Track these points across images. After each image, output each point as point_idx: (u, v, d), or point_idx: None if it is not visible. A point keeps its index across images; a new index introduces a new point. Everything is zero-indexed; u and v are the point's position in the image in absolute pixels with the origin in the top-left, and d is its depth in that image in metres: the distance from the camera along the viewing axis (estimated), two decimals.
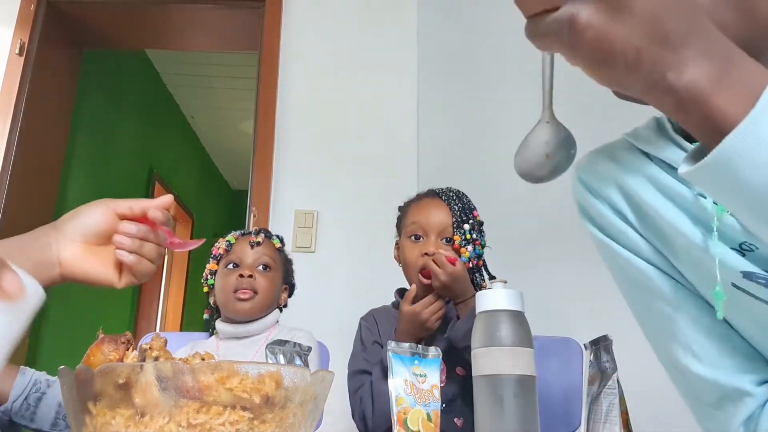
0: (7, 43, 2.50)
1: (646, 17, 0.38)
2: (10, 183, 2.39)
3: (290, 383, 0.48)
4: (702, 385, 0.61)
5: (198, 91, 4.74)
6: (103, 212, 0.63)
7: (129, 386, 0.45)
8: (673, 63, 0.38)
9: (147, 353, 0.54)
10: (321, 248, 2.23)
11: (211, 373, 0.46)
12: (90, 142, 3.54)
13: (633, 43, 0.38)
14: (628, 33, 0.38)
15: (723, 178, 0.39)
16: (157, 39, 3.16)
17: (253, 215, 2.25)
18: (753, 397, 0.58)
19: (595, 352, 0.80)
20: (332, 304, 2.10)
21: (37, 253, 0.62)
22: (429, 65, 2.41)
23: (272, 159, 2.31)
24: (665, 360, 0.65)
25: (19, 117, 2.44)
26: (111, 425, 0.46)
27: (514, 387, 0.66)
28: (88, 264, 0.63)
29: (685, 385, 0.64)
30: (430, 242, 1.31)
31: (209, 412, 0.45)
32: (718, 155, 0.37)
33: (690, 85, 0.38)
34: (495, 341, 0.68)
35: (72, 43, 2.87)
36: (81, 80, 3.06)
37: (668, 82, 0.39)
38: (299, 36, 2.48)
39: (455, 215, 1.32)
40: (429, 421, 0.74)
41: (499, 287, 0.71)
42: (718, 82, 0.38)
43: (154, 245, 0.65)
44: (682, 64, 0.38)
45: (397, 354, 0.78)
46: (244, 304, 1.42)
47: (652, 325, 0.66)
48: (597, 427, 0.74)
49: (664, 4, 0.39)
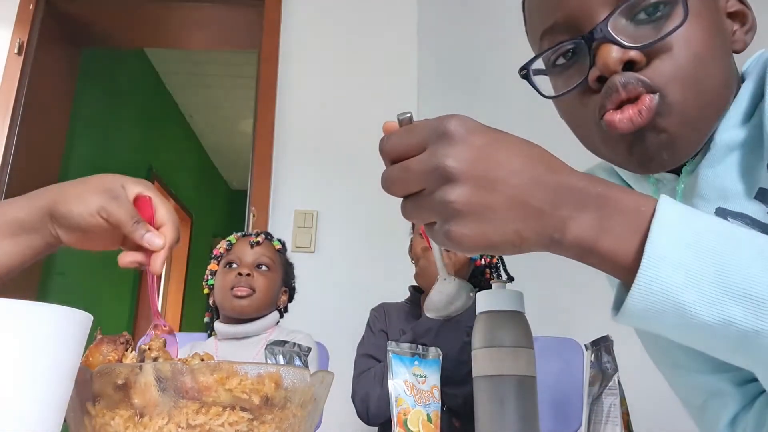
0: (6, 43, 2.49)
1: (510, 205, 0.41)
2: (9, 182, 2.39)
3: (290, 384, 0.48)
4: (690, 387, 0.63)
5: (197, 90, 4.73)
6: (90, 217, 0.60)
7: (128, 387, 0.45)
8: (554, 227, 0.41)
9: (146, 354, 0.53)
10: (321, 248, 2.23)
11: (211, 373, 0.45)
12: (89, 141, 3.53)
13: (510, 228, 0.41)
14: (501, 224, 0.41)
15: (643, 324, 0.41)
16: (156, 37, 3.15)
17: (252, 215, 2.25)
18: (734, 398, 0.59)
19: (596, 352, 0.80)
20: (332, 304, 2.10)
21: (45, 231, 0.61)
22: (429, 65, 2.41)
23: (272, 158, 2.31)
24: (660, 365, 0.67)
25: (18, 116, 2.44)
26: (110, 426, 0.45)
27: (514, 387, 0.65)
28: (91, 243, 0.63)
29: (678, 388, 0.66)
30: None
31: (208, 412, 0.45)
32: (627, 311, 0.40)
33: (577, 239, 0.41)
34: (495, 342, 0.68)
35: (71, 42, 2.87)
36: (80, 79, 3.06)
37: (557, 242, 0.42)
38: (299, 35, 2.48)
39: None
40: (429, 422, 0.74)
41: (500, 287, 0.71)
42: (599, 228, 0.41)
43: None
44: (563, 225, 0.41)
45: (397, 354, 0.77)
46: (242, 301, 1.42)
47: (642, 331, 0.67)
48: (598, 428, 0.74)
49: (521, 185, 0.41)
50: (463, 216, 0.41)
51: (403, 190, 0.44)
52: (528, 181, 0.41)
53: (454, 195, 0.40)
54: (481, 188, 0.41)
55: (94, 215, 0.60)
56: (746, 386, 0.59)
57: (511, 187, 0.41)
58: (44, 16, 2.59)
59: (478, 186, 0.41)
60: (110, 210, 0.60)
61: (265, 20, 2.48)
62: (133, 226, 0.60)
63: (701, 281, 0.38)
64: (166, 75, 4.56)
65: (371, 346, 1.34)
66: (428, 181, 0.42)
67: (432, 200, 0.42)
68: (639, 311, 0.39)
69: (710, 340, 0.40)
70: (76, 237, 0.62)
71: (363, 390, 1.27)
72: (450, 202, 0.41)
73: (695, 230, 0.39)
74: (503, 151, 0.42)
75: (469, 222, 0.41)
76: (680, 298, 0.38)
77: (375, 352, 1.30)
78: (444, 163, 0.41)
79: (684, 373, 0.62)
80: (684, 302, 0.38)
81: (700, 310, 0.38)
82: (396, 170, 0.44)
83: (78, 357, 0.39)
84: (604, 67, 0.50)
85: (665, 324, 0.40)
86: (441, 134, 0.42)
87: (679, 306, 0.38)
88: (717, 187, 0.53)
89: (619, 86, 0.50)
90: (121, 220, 0.60)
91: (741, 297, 0.38)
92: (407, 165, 0.43)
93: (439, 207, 0.42)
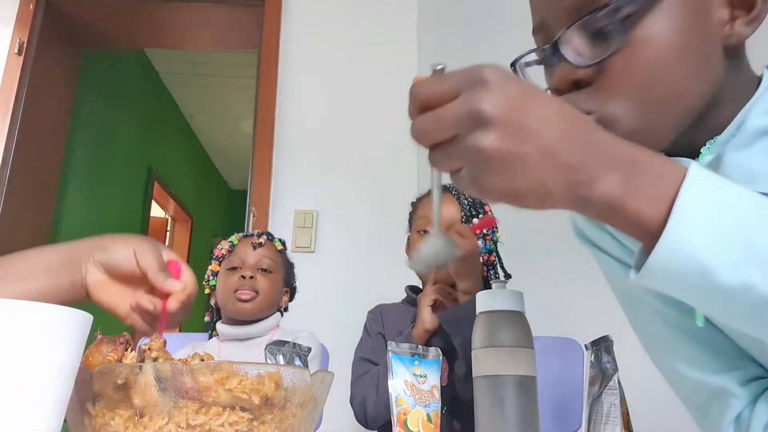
0: (6, 43, 2.49)
1: (541, 157, 0.40)
2: (8, 182, 2.39)
3: (290, 384, 0.48)
4: (691, 387, 0.63)
5: (197, 90, 4.73)
6: (127, 257, 0.66)
7: (128, 387, 0.45)
8: (582, 182, 0.41)
9: (146, 354, 0.53)
10: (321, 248, 2.23)
11: (211, 373, 0.45)
12: (89, 141, 3.53)
13: (537, 179, 0.41)
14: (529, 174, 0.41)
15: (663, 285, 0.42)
16: (155, 38, 3.16)
17: (252, 215, 2.25)
18: (738, 397, 0.59)
19: (596, 352, 0.80)
20: (332, 304, 2.10)
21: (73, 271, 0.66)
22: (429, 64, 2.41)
23: (272, 159, 2.31)
24: (659, 364, 0.67)
25: (18, 116, 2.44)
26: (110, 426, 0.45)
27: (514, 387, 0.65)
28: (107, 294, 0.68)
29: (678, 388, 0.66)
30: None
31: (208, 412, 0.45)
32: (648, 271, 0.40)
33: (603, 197, 0.41)
34: (495, 341, 0.68)
35: (71, 43, 2.87)
36: (80, 79, 3.06)
37: (584, 199, 0.41)
38: (299, 35, 2.48)
39: (464, 209, 1.30)
40: (429, 422, 0.74)
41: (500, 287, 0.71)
42: (627, 187, 0.41)
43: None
44: (591, 181, 0.41)
45: (397, 355, 0.77)
46: (245, 304, 1.42)
47: (642, 330, 0.68)
48: (598, 428, 0.74)
49: (553, 138, 0.41)
50: (492, 162, 0.40)
51: (434, 138, 0.43)
52: (560, 135, 0.41)
53: (487, 141, 0.40)
54: (513, 136, 0.40)
55: (129, 254, 0.66)
56: (750, 384, 0.59)
57: (543, 139, 0.40)
58: (44, 16, 2.59)
59: (511, 133, 0.40)
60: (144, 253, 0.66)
61: (265, 21, 2.48)
62: (159, 272, 0.66)
63: (727, 245, 0.39)
64: (166, 75, 4.56)
65: (368, 349, 1.33)
66: (461, 126, 0.41)
67: (463, 145, 0.41)
68: (661, 270, 0.40)
69: (728, 304, 0.40)
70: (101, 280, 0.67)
71: (360, 394, 1.27)
72: (482, 147, 0.40)
73: (725, 195, 0.40)
74: (539, 104, 0.42)
75: (498, 169, 0.41)
76: (704, 259, 0.39)
77: (372, 356, 1.30)
78: (480, 107, 0.40)
79: (687, 372, 0.62)
80: (707, 263, 0.39)
81: (722, 272, 0.39)
82: (427, 117, 0.43)
83: (78, 357, 0.39)
84: (555, 88, 0.54)
85: (685, 285, 0.40)
86: (477, 80, 0.41)
87: (702, 267, 0.39)
88: (745, 170, 0.53)
89: None
90: (151, 265, 0.65)
91: (763, 262, 0.38)
92: (439, 111, 0.42)
93: (470, 152, 0.41)
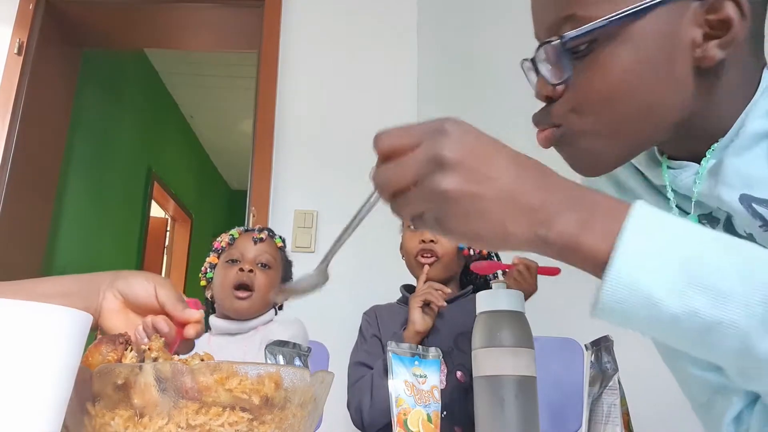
0: (6, 43, 2.49)
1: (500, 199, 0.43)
2: (9, 182, 2.39)
3: (290, 384, 0.48)
4: (696, 384, 0.64)
5: (197, 90, 4.73)
6: (146, 289, 0.68)
7: (128, 387, 0.45)
8: (540, 222, 0.43)
9: (146, 354, 0.53)
10: (321, 248, 2.23)
11: (211, 373, 0.45)
12: (89, 141, 3.53)
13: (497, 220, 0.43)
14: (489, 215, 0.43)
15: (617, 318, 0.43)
16: (156, 38, 3.15)
17: (252, 215, 2.25)
18: (739, 395, 0.60)
19: (596, 352, 0.80)
20: (332, 304, 2.09)
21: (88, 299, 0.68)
22: (429, 64, 2.41)
23: (272, 159, 2.31)
24: (668, 362, 0.68)
25: (18, 116, 2.44)
26: (110, 426, 0.45)
27: (514, 388, 0.65)
28: (118, 320, 0.69)
29: (684, 385, 0.67)
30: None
31: (208, 413, 0.45)
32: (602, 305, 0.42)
33: (561, 235, 0.43)
34: (495, 342, 0.68)
35: (71, 43, 2.87)
36: (80, 80, 3.05)
37: (543, 238, 0.43)
38: (299, 35, 2.48)
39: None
40: (429, 422, 0.74)
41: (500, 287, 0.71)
42: (583, 225, 0.43)
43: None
44: (549, 221, 0.43)
45: (397, 355, 0.77)
46: (242, 303, 1.42)
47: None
48: (598, 428, 0.74)
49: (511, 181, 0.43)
50: (454, 203, 0.43)
51: (397, 185, 0.45)
52: (517, 179, 0.43)
53: (447, 182, 0.42)
54: (473, 178, 0.43)
55: (149, 286, 0.68)
56: None
57: (501, 182, 0.43)
58: (44, 17, 2.59)
59: (470, 176, 0.43)
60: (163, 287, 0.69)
61: (265, 21, 2.48)
62: (178, 303, 0.68)
63: (670, 274, 0.40)
64: (166, 75, 4.56)
65: (363, 353, 1.33)
66: (422, 170, 0.43)
67: (424, 188, 0.43)
68: (612, 304, 0.41)
69: (677, 331, 0.41)
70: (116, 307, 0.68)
71: (356, 399, 1.27)
72: (443, 189, 0.42)
73: (667, 228, 0.42)
74: (495, 152, 0.44)
75: (459, 210, 0.43)
76: (648, 289, 0.40)
77: (367, 360, 1.30)
78: (441, 152, 0.43)
79: (690, 369, 0.63)
80: (651, 293, 0.40)
81: (667, 300, 0.40)
82: (390, 166, 0.45)
83: (78, 357, 0.39)
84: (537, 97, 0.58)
85: (637, 317, 0.42)
86: (437, 130, 0.44)
87: (649, 297, 0.40)
88: (743, 174, 0.54)
89: (534, 121, 0.59)
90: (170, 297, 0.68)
91: (705, 288, 0.40)
92: (401, 160, 0.45)
93: (432, 194, 0.43)
